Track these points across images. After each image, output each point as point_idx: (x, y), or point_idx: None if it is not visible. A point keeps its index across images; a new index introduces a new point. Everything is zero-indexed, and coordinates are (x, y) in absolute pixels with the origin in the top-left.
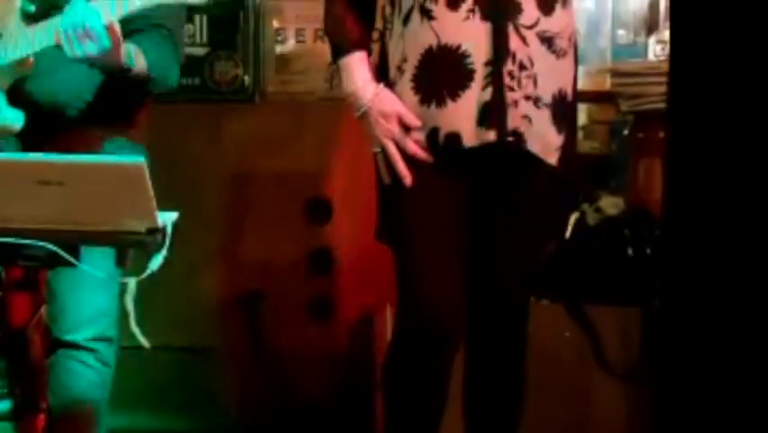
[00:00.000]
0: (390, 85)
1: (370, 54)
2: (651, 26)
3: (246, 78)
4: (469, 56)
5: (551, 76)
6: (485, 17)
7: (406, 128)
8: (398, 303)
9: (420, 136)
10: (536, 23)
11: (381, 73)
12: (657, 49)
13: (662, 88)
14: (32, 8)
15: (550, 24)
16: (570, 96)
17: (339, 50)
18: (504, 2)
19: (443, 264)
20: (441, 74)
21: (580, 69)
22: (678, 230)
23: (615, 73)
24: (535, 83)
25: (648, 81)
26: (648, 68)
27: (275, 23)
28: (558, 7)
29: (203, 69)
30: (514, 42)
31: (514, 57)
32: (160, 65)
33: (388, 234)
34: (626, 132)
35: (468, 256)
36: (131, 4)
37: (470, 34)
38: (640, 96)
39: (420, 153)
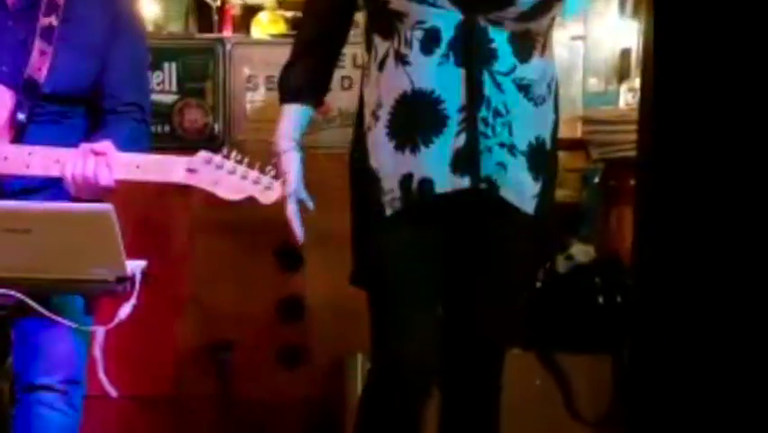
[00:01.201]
0: (366, 131)
1: (317, 104)
2: (622, 74)
3: (216, 126)
4: (443, 102)
5: (527, 123)
6: (459, 63)
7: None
8: (372, 353)
9: (394, 185)
10: (512, 70)
11: (357, 121)
12: (628, 97)
13: (634, 136)
14: None
15: (527, 72)
16: (548, 144)
17: (281, 96)
18: (479, 48)
19: (419, 319)
20: (415, 119)
21: None
22: (648, 278)
23: (586, 121)
24: (511, 130)
25: (619, 129)
26: (619, 116)
27: (245, 71)
28: (536, 54)
29: (172, 117)
30: (489, 89)
31: (488, 103)
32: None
33: (363, 279)
34: (597, 180)
35: (443, 304)
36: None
37: (444, 80)
38: (611, 143)
39: (293, 225)
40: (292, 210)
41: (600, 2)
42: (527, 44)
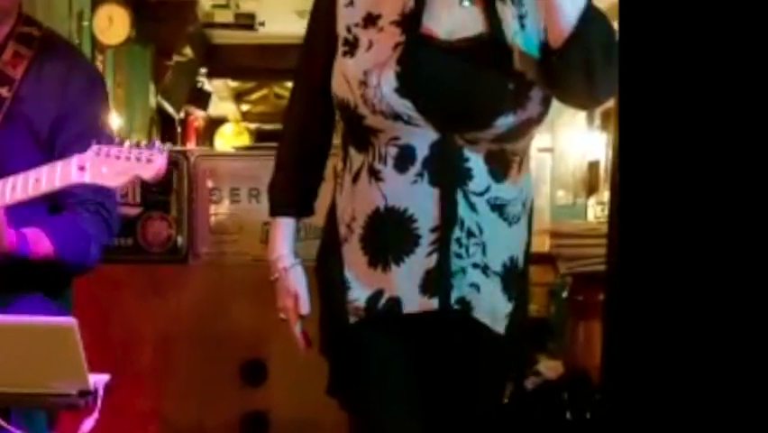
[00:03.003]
0: (341, 242)
1: (307, 214)
2: (590, 187)
3: (179, 238)
4: (415, 220)
5: (501, 244)
6: (433, 182)
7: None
8: None
9: (362, 297)
10: (487, 190)
11: (330, 227)
12: (597, 210)
13: (602, 250)
14: None
15: (501, 192)
16: (521, 264)
17: (270, 209)
18: (454, 167)
19: (401, 430)
20: (387, 237)
21: None
22: (618, 394)
23: (554, 234)
24: (484, 251)
25: (588, 243)
26: (588, 229)
27: (209, 183)
28: (512, 174)
29: (135, 230)
30: (463, 209)
31: (462, 224)
32: (70, 247)
33: (338, 391)
34: (564, 294)
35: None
36: (20, 193)
37: (417, 199)
38: (579, 257)
39: (299, 342)
40: (298, 328)
41: (568, 113)
42: (503, 164)
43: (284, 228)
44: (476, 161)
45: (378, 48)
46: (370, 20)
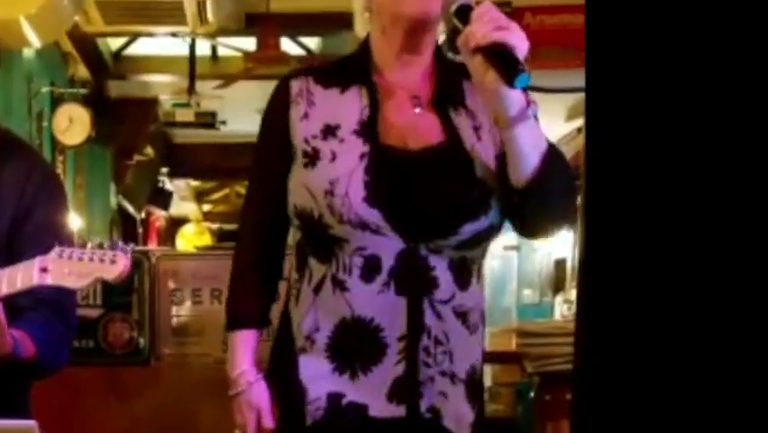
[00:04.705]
0: (297, 352)
1: (267, 324)
2: (557, 286)
3: (141, 340)
4: (382, 330)
5: (465, 351)
6: (400, 292)
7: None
8: None
9: (321, 397)
10: (452, 298)
11: (284, 335)
12: (564, 308)
13: (569, 349)
14: None
15: (465, 299)
16: (479, 372)
17: (229, 323)
18: (420, 276)
19: None
20: (354, 346)
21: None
22: None
23: (520, 333)
24: (451, 359)
25: (555, 342)
26: (555, 328)
27: (171, 284)
28: (473, 282)
29: (96, 332)
30: (429, 317)
31: (429, 332)
32: (48, 349)
33: None
34: (532, 394)
35: None
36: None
37: (384, 308)
38: (546, 356)
39: None
40: None
41: None
42: (465, 271)
43: (246, 341)
44: (441, 270)
45: (342, 158)
46: (329, 131)
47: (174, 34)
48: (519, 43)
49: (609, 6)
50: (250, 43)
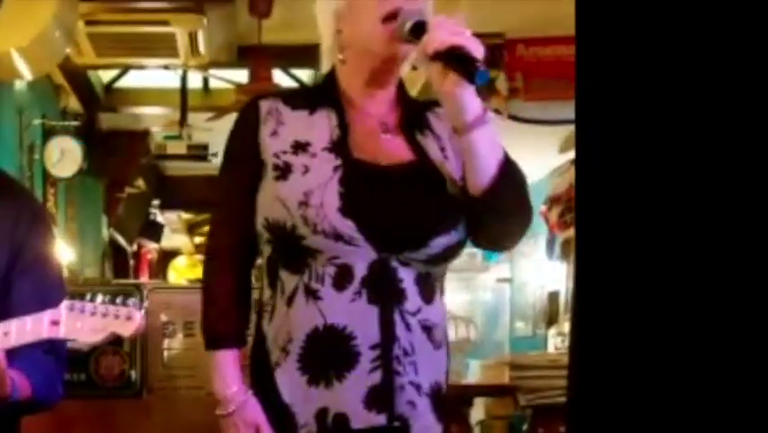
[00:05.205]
0: (273, 367)
1: (245, 344)
2: (550, 318)
3: (133, 373)
4: (354, 338)
5: (429, 365)
6: (372, 301)
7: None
8: None
9: (309, 420)
10: (419, 311)
11: (259, 356)
12: (557, 341)
13: (563, 382)
14: None
15: (430, 314)
16: (444, 390)
17: (213, 343)
18: (390, 287)
19: None
20: (327, 355)
21: (476, 362)
22: None
23: (513, 366)
24: (417, 370)
25: (548, 375)
26: (548, 360)
27: (163, 317)
28: (436, 298)
29: (88, 365)
30: (399, 327)
31: (399, 342)
32: (43, 387)
33: None
34: (525, 427)
35: None
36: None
37: (356, 316)
38: (540, 389)
39: None
40: None
41: (527, 243)
42: (429, 287)
43: (232, 360)
44: (409, 282)
45: (316, 171)
46: (300, 147)
47: (166, 66)
48: (475, 46)
49: (599, 38)
50: (242, 75)
